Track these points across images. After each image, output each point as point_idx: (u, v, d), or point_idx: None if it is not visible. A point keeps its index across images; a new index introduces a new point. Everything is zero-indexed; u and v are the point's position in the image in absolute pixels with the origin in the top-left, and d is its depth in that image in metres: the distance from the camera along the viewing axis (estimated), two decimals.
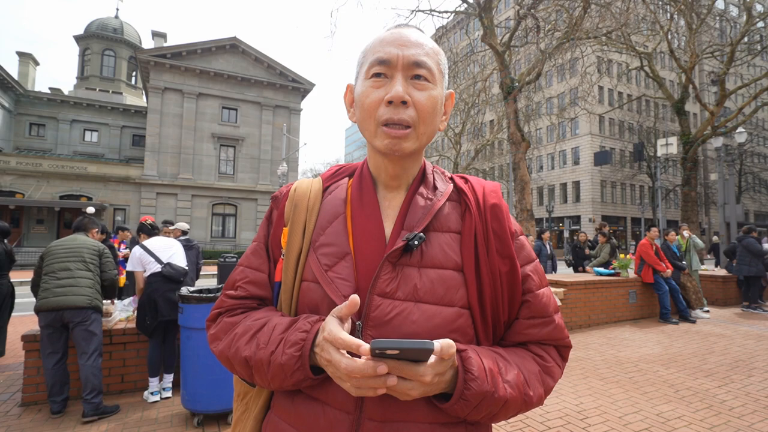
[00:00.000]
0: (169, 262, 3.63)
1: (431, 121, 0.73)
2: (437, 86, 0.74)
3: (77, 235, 3.59)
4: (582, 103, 15.63)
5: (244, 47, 27.99)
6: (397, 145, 0.71)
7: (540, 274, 0.79)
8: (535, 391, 0.70)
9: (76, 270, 3.33)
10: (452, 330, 0.69)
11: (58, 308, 3.17)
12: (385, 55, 0.71)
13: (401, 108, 0.70)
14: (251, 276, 0.81)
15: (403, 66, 0.71)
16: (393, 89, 0.70)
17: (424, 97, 0.71)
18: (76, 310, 3.21)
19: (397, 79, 0.71)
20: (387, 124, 0.70)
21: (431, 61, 0.73)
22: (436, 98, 0.73)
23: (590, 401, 3.60)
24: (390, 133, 0.70)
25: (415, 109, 0.71)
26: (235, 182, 27.76)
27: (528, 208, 10.78)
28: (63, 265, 3.31)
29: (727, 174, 15.27)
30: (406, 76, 0.71)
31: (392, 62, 0.71)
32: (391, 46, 0.72)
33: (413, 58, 0.71)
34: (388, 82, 0.71)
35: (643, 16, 16.50)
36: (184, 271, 3.68)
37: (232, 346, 0.72)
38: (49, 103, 30.48)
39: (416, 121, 0.71)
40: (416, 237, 0.71)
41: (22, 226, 23.76)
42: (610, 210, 39.14)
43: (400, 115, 0.70)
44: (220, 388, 2.99)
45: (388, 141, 0.71)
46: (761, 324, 6.90)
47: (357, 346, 0.56)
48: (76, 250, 3.41)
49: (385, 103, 0.70)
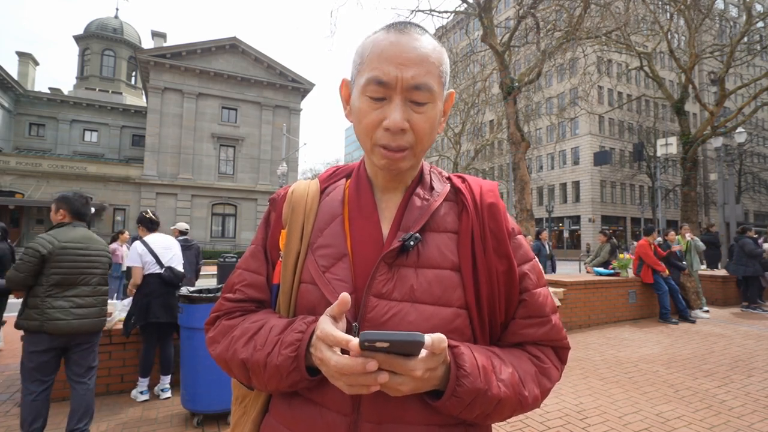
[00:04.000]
0: (170, 265, 3.63)
1: (429, 138, 0.72)
2: (437, 103, 0.71)
3: (88, 233, 2.78)
4: (582, 103, 15.65)
5: (244, 47, 28.00)
6: (393, 165, 0.71)
7: (538, 274, 0.79)
8: (530, 391, 0.69)
9: (98, 286, 2.73)
10: (449, 330, 0.68)
11: (75, 333, 2.59)
12: (384, 76, 0.67)
13: (399, 134, 0.68)
14: (249, 279, 0.81)
15: (402, 89, 0.68)
16: (391, 117, 0.67)
17: (423, 120, 0.69)
18: (92, 333, 2.71)
19: (396, 103, 0.68)
20: (385, 148, 0.70)
21: (433, 79, 0.69)
22: (435, 116, 0.71)
23: (590, 401, 3.60)
24: (386, 155, 0.70)
25: (413, 132, 0.69)
26: (235, 182, 27.77)
27: (528, 208, 10.78)
28: (83, 278, 2.66)
29: (727, 174, 15.27)
30: (405, 98, 0.68)
31: (391, 84, 0.67)
32: (390, 65, 0.67)
33: (413, 81, 0.67)
34: (386, 105, 0.69)
35: (643, 16, 16.49)
36: (183, 275, 3.68)
37: (230, 349, 0.72)
38: (49, 103, 30.49)
39: (414, 143, 0.70)
40: (412, 237, 0.70)
41: (22, 226, 23.76)
42: (609, 210, 39.14)
43: (398, 142, 0.69)
44: (220, 388, 2.98)
45: (385, 161, 0.71)
46: (761, 324, 6.90)
47: (347, 341, 0.56)
48: (95, 259, 2.73)
49: (383, 128, 0.69)
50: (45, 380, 2.57)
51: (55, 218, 2.75)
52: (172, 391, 3.67)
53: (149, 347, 3.60)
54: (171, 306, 3.55)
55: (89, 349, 2.73)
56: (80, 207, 2.78)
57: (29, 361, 2.53)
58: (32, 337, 2.52)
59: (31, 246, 2.53)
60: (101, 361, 3.63)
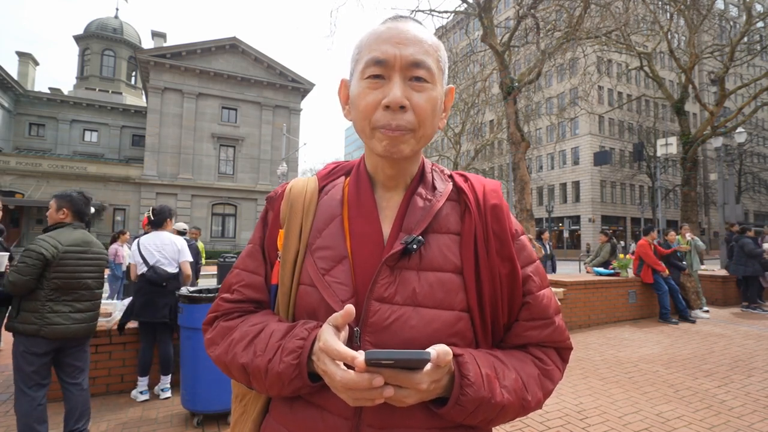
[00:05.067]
0: (154, 265, 3.62)
1: (431, 123, 0.70)
2: (437, 85, 0.70)
3: (87, 235, 2.73)
4: (582, 103, 15.64)
5: (243, 47, 27.99)
6: (395, 146, 0.68)
7: (541, 275, 0.78)
8: (533, 395, 0.69)
9: (96, 289, 2.70)
10: (451, 334, 0.68)
11: (73, 337, 2.56)
12: (382, 55, 0.67)
13: (399, 113, 0.66)
14: (247, 279, 0.79)
15: (401, 67, 0.67)
16: (391, 93, 0.66)
17: (424, 99, 0.68)
18: (86, 336, 2.69)
19: (395, 81, 0.67)
20: (384, 128, 0.68)
21: (431, 59, 0.69)
22: (436, 99, 0.70)
23: (590, 401, 3.60)
24: (387, 134, 0.67)
25: (414, 113, 0.67)
26: (235, 182, 27.77)
27: (528, 208, 10.77)
28: (83, 283, 2.61)
29: (727, 174, 15.27)
30: (405, 77, 0.67)
31: (389, 62, 0.67)
32: (388, 44, 0.68)
33: (412, 58, 0.67)
34: (385, 84, 0.67)
35: (643, 16, 16.49)
36: (167, 275, 3.61)
37: (229, 352, 0.71)
38: (49, 103, 30.49)
39: (415, 125, 0.68)
40: (415, 240, 0.69)
41: (22, 226, 23.76)
42: (609, 210, 39.14)
43: (398, 121, 0.67)
44: (220, 388, 2.98)
45: (386, 143, 0.68)
46: (761, 324, 6.90)
47: (352, 357, 0.55)
48: (94, 262, 2.69)
49: (383, 108, 0.67)
50: (44, 383, 2.52)
51: (56, 217, 2.66)
52: (172, 391, 3.66)
53: (146, 346, 3.62)
54: (155, 305, 3.53)
55: (81, 350, 2.70)
56: (82, 207, 2.74)
57: (28, 364, 2.45)
58: (30, 341, 2.44)
59: (33, 248, 2.46)
60: (101, 361, 3.65)
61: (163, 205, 3.99)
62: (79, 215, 2.73)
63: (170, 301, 3.59)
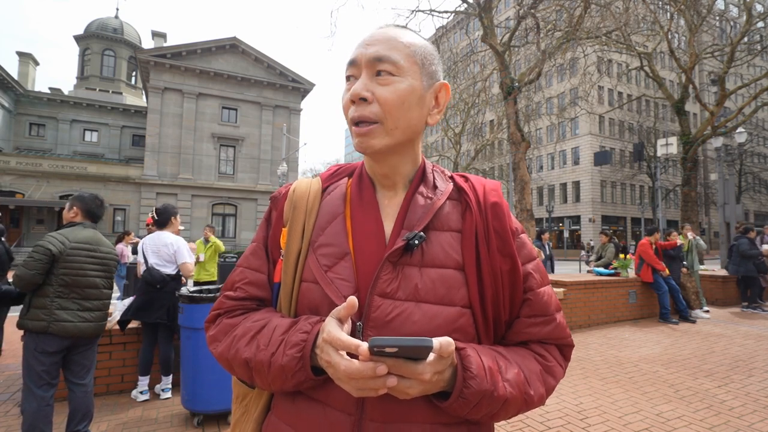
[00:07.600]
0: (150, 267, 3.64)
1: (402, 115, 0.71)
2: (406, 78, 0.71)
3: (97, 234, 2.74)
4: (582, 103, 15.64)
5: (244, 47, 28.01)
6: (365, 142, 0.71)
7: (541, 273, 0.79)
8: (536, 390, 0.70)
9: (104, 289, 2.71)
10: (453, 330, 0.68)
11: (80, 336, 2.56)
12: (353, 56, 0.73)
13: (363, 105, 0.71)
14: (250, 277, 0.80)
15: (365, 63, 0.71)
16: (353, 87, 0.71)
17: (389, 91, 0.70)
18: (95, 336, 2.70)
19: (360, 78, 0.72)
20: (356, 123, 0.71)
21: (398, 54, 0.71)
22: (404, 91, 0.71)
23: (590, 401, 3.60)
24: (357, 131, 0.71)
25: (378, 104, 0.70)
26: (235, 182, 27.78)
27: (528, 208, 10.77)
28: (91, 281, 2.62)
29: (727, 174, 15.28)
30: (370, 73, 0.71)
31: (357, 62, 0.72)
32: (360, 47, 0.73)
33: (375, 54, 0.71)
34: (356, 82, 0.72)
35: (643, 16, 16.48)
36: (161, 277, 3.61)
37: (232, 348, 0.72)
38: (49, 103, 30.50)
39: (382, 116, 0.70)
40: (416, 236, 0.70)
41: (22, 226, 23.78)
42: (610, 210, 39.14)
43: (361, 112, 0.70)
44: (220, 388, 2.99)
45: (357, 139, 0.72)
46: (761, 324, 6.90)
47: (356, 346, 0.56)
48: (103, 261, 2.70)
49: (350, 103, 0.72)
50: (53, 383, 2.52)
51: (67, 216, 2.74)
52: (173, 391, 3.67)
53: (146, 346, 3.63)
54: (150, 306, 3.54)
55: (90, 349, 2.71)
56: (94, 207, 2.77)
57: (39, 363, 2.44)
58: (40, 338, 2.45)
59: (41, 244, 2.49)
60: (101, 361, 3.65)
61: (167, 205, 3.99)
62: (90, 215, 2.77)
63: (167, 302, 3.58)
